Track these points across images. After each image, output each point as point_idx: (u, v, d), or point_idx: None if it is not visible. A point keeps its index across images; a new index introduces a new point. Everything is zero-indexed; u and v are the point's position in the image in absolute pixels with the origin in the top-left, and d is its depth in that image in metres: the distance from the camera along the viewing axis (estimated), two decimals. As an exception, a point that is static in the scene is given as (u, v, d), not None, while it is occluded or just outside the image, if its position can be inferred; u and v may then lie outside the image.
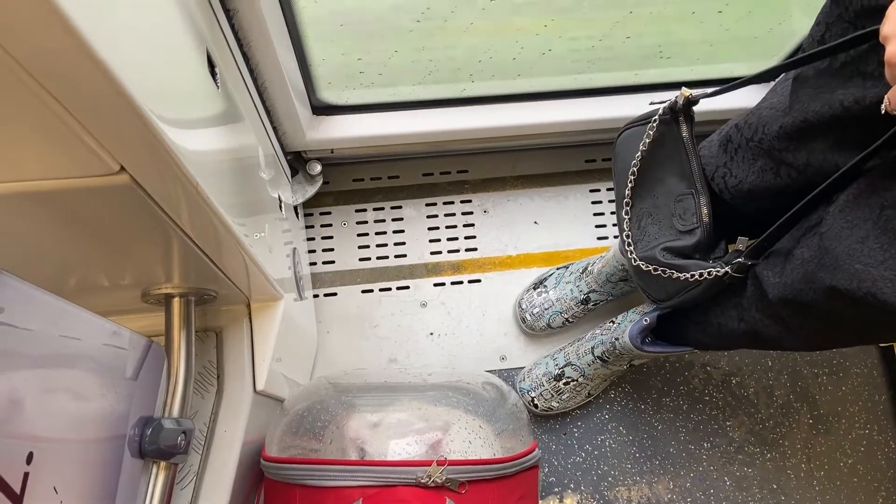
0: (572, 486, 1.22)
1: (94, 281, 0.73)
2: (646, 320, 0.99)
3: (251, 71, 0.87)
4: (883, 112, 0.62)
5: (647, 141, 0.90)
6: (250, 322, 0.90)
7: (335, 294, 1.31)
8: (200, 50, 0.61)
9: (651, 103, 0.89)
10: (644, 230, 0.93)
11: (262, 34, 0.81)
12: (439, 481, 0.77)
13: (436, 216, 1.36)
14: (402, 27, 0.97)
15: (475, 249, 1.35)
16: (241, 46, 0.81)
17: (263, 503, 0.93)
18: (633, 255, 0.93)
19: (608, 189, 1.38)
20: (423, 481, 0.77)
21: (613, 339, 1.09)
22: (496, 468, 0.82)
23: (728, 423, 1.27)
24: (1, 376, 0.46)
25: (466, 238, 1.35)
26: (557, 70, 1.11)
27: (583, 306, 1.22)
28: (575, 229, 1.36)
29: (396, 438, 0.81)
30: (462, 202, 1.37)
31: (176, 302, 0.78)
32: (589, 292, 1.21)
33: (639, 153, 0.91)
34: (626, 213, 0.96)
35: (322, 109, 1.15)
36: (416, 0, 0.92)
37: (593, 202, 1.38)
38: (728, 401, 1.29)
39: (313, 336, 1.23)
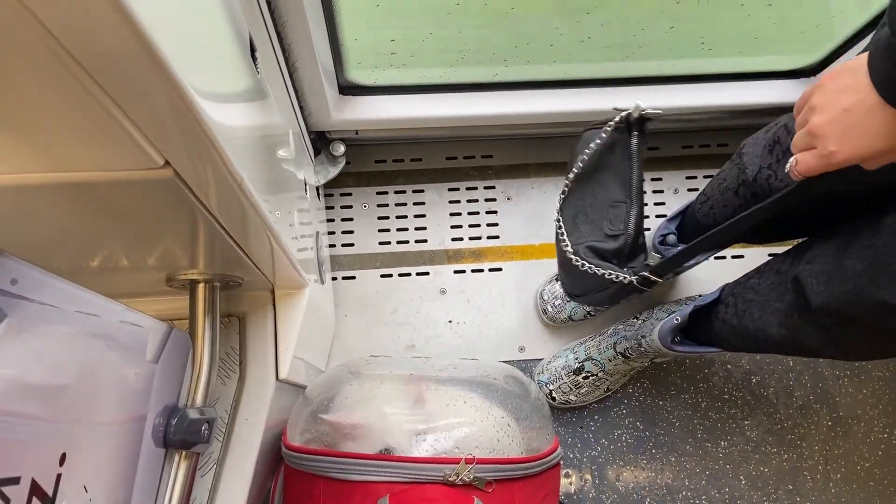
0: (587, 480, 1.21)
1: (118, 264, 0.71)
2: (677, 319, 0.97)
3: (284, 50, 0.84)
4: (787, 171, 0.65)
5: (598, 143, 0.89)
6: (274, 309, 0.88)
7: (354, 278, 1.29)
8: (243, 36, 0.59)
9: (614, 109, 0.88)
10: (577, 226, 0.94)
11: (298, 13, 0.78)
12: (467, 480, 0.76)
13: (458, 202, 1.34)
14: (441, 8, 0.93)
15: (497, 237, 1.32)
16: (276, 26, 0.78)
17: (282, 490, 0.92)
18: (567, 246, 0.93)
19: (635, 180, 1.35)
20: (450, 479, 0.76)
21: (639, 337, 1.07)
22: (523, 467, 0.81)
23: (746, 423, 1.26)
24: (31, 357, 0.45)
25: (489, 225, 1.33)
26: (595, 57, 1.08)
27: (606, 300, 1.20)
28: (599, 220, 1.33)
29: (424, 434, 0.80)
30: (485, 188, 1.35)
31: (201, 288, 0.76)
32: (613, 286, 1.18)
33: (588, 151, 0.90)
34: (559, 205, 0.96)
35: (349, 89, 1.12)
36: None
37: (619, 193, 1.35)
38: (747, 399, 1.27)
39: (332, 320, 1.22)
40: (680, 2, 0.95)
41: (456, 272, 1.30)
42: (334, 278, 1.28)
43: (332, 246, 1.30)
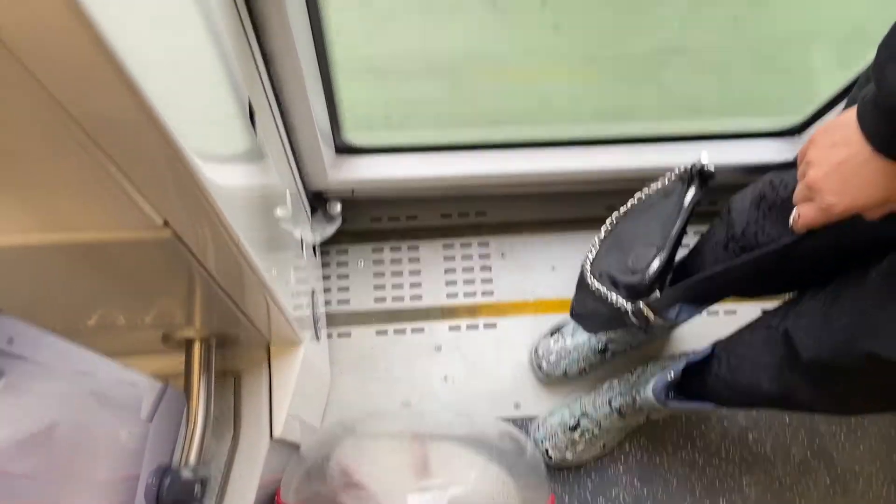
0: (585, 540, 1.19)
1: (115, 322, 0.71)
2: (670, 374, 0.98)
3: (282, 113, 0.87)
4: (790, 226, 0.67)
5: (658, 187, 0.92)
6: (269, 367, 0.89)
7: (349, 335, 1.29)
8: (242, 100, 0.61)
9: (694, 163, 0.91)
10: (609, 252, 0.96)
11: (296, 78, 0.81)
12: (461, 540, 0.75)
13: (453, 258, 1.35)
14: (434, 72, 0.97)
15: (491, 293, 1.33)
16: (274, 90, 0.81)
17: (274, 552, 0.90)
18: (586, 264, 0.96)
19: (626, 236, 1.38)
20: (444, 540, 0.75)
21: (633, 393, 1.07)
22: (518, 527, 0.80)
23: (744, 480, 1.25)
24: (26, 417, 0.45)
25: (483, 281, 1.34)
26: (585, 118, 1.11)
27: (600, 356, 1.20)
28: (592, 276, 1.35)
29: (419, 492, 0.79)
30: (479, 245, 1.37)
31: (197, 347, 0.77)
32: (607, 342, 1.19)
33: (645, 191, 0.93)
34: (604, 233, 0.98)
35: (345, 150, 1.14)
36: (451, 47, 0.92)
37: (611, 249, 1.37)
38: (744, 456, 1.26)
39: (327, 377, 1.21)
40: (667, 65, 0.99)
41: (451, 329, 1.31)
42: (330, 335, 1.28)
43: (327, 303, 1.31)
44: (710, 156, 1.11)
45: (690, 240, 1.37)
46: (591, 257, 0.95)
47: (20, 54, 0.31)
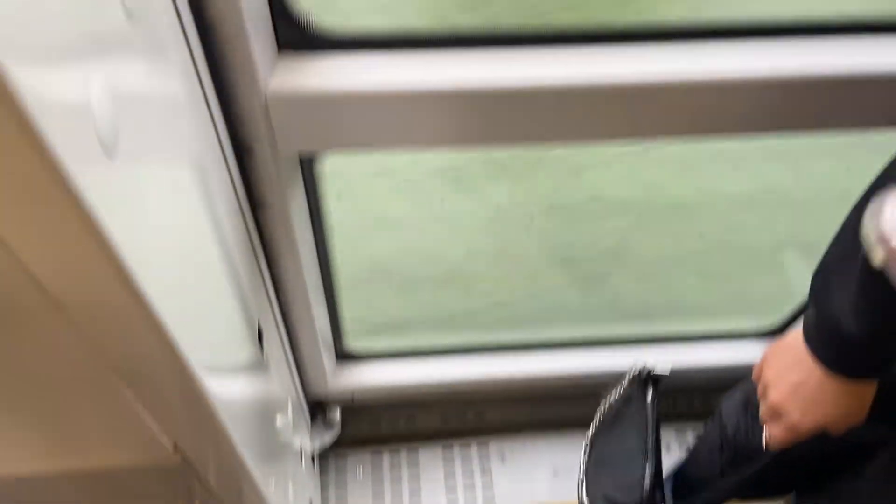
0: None
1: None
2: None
3: (287, 328, 0.92)
4: (763, 445, 0.68)
5: (617, 397, 0.95)
6: None
7: (347, 553, 1.24)
8: (253, 324, 0.66)
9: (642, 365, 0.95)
10: (599, 475, 0.96)
11: (302, 298, 0.87)
12: None
13: (452, 461, 1.34)
14: (431, 284, 1.04)
15: (493, 501, 1.30)
16: (281, 309, 0.87)
17: None
18: (581, 495, 0.94)
19: (626, 436, 1.37)
20: None
21: None
22: None
23: None
24: None
25: (484, 487, 1.31)
26: (572, 320, 1.17)
27: (608, 568, 1.15)
28: (595, 479, 1.32)
29: None
30: (479, 446, 1.35)
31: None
32: (616, 552, 1.15)
33: (605, 403, 0.95)
34: (585, 455, 0.98)
35: (346, 357, 1.18)
36: (446, 259, 1.00)
37: (612, 450, 1.36)
38: None
39: None
40: (651, 268, 1.06)
41: (453, 540, 1.26)
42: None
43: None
44: (697, 357, 1.16)
45: (689, 437, 1.37)
46: (583, 488, 0.96)
47: (69, 309, 0.34)
